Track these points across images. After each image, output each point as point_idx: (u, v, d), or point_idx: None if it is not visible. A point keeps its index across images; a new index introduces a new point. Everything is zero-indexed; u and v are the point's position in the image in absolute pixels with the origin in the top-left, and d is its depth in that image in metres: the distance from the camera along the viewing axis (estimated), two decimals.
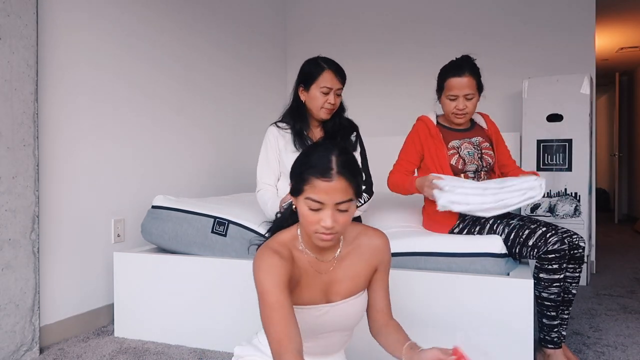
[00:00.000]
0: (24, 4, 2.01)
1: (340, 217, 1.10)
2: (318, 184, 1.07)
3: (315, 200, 1.08)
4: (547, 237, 1.77)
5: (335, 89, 1.98)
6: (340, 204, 1.09)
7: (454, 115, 2.06)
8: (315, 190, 1.08)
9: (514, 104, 3.64)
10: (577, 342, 2.19)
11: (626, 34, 5.46)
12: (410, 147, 2.13)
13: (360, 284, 1.25)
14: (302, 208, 1.11)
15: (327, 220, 1.08)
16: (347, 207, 1.10)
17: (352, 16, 4.14)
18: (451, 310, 1.78)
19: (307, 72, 2.01)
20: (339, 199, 1.08)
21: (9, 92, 1.96)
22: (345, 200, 1.09)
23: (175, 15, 2.98)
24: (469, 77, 2.00)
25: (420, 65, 3.87)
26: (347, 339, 1.31)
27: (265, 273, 1.08)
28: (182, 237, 2.27)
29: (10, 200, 1.97)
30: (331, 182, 1.07)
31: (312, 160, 1.10)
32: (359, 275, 1.24)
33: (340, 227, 1.11)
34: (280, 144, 2.06)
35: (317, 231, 1.10)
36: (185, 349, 2.14)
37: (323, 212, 1.09)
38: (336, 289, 1.22)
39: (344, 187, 1.08)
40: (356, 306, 1.25)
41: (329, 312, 1.22)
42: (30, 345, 2.05)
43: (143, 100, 2.72)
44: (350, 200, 1.10)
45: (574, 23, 3.52)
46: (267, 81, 4.04)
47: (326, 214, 1.08)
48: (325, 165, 1.08)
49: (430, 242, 1.94)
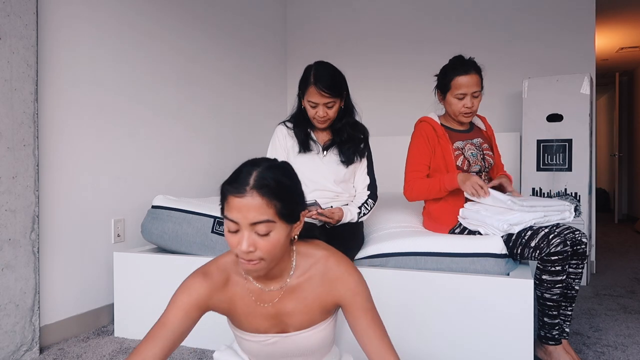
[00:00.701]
0: (24, 4, 2.01)
1: (260, 241, 0.98)
2: (231, 200, 0.98)
3: (230, 219, 0.99)
4: (549, 238, 1.76)
5: (323, 103, 1.92)
6: (257, 224, 0.97)
7: (462, 115, 2.04)
8: (229, 208, 0.99)
9: (514, 104, 3.64)
10: (577, 342, 2.19)
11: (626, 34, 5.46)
12: (422, 149, 2.06)
13: (315, 316, 1.12)
14: (225, 230, 1.02)
15: (243, 244, 0.97)
16: (267, 229, 0.98)
17: (352, 17, 4.14)
18: (451, 310, 1.78)
19: (300, 82, 1.99)
20: (253, 218, 0.96)
21: (9, 92, 1.96)
22: (261, 221, 0.97)
23: (175, 19, 2.97)
24: (475, 74, 2.00)
25: (421, 65, 3.87)
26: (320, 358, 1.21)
27: (178, 291, 1.07)
28: (182, 237, 2.27)
29: (10, 200, 1.97)
30: (244, 199, 0.97)
31: (232, 175, 1.03)
32: (312, 310, 1.11)
33: (263, 254, 0.99)
34: (288, 144, 2.06)
35: (239, 256, 1.00)
36: (185, 349, 2.14)
37: (240, 234, 0.99)
38: (286, 321, 1.12)
39: (259, 205, 0.96)
40: (314, 338, 1.14)
41: (278, 343, 1.13)
42: (30, 345, 2.05)
43: (143, 100, 2.72)
44: (269, 222, 0.97)
45: (574, 23, 3.52)
46: (268, 81, 4.04)
47: (242, 236, 0.98)
48: (241, 180, 0.98)
49: (430, 242, 1.94)
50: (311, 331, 1.13)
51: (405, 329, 1.83)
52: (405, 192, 2.09)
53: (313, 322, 1.13)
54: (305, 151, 2.01)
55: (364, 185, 2.08)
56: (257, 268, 1.01)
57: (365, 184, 2.08)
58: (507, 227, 1.83)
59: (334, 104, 1.94)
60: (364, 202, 2.03)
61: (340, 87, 1.95)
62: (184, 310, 1.05)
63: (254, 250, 0.99)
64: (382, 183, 2.24)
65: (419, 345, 1.80)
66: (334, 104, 1.94)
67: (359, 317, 1.08)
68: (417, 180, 2.04)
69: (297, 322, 1.12)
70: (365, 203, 2.03)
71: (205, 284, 1.08)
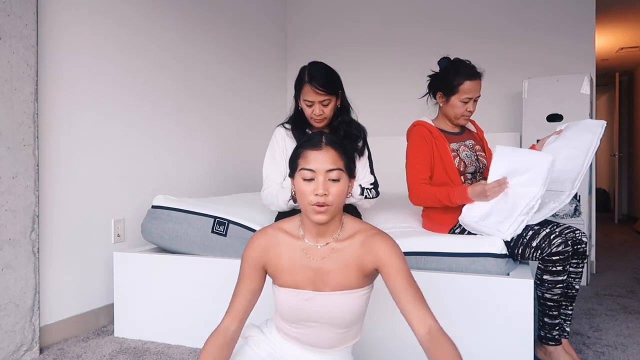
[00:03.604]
0: (24, 4, 2.01)
1: (332, 187, 1.18)
2: (309, 154, 1.20)
3: (308, 168, 1.19)
4: (550, 238, 1.77)
5: (319, 101, 1.94)
6: (331, 171, 1.18)
7: (463, 118, 2.06)
8: (307, 160, 1.20)
9: (514, 104, 3.64)
10: (577, 342, 2.19)
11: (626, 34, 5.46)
12: (422, 151, 2.05)
13: (351, 280, 1.23)
14: (298, 183, 1.21)
15: (320, 187, 1.16)
16: (339, 176, 1.19)
17: (352, 17, 4.14)
18: (451, 310, 1.78)
19: (295, 83, 2.01)
20: (329, 166, 1.18)
21: (9, 92, 1.96)
22: (335, 168, 1.18)
23: (176, 19, 2.97)
24: (480, 80, 2.03)
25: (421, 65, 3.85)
26: (341, 337, 1.28)
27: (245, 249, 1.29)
28: (182, 237, 2.27)
29: (10, 200, 1.97)
30: (321, 151, 1.19)
31: (305, 139, 1.26)
32: (349, 269, 1.23)
33: (333, 198, 1.18)
34: (287, 145, 2.07)
35: (311, 202, 1.18)
36: (185, 349, 2.14)
37: (315, 182, 1.18)
38: (324, 279, 1.24)
39: (334, 157, 1.19)
40: (346, 303, 1.23)
41: (312, 300, 1.24)
42: (30, 345, 2.05)
43: (143, 100, 2.72)
44: (341, 170, 1.19)
45: (574, 23, 3.52)
46: (268, 81, 4.04)
47: (318, 182, 1.17)
48: (316, 139, 1.22)
49: (430, 242, 1.94)
50: (344, 295, 1.23)
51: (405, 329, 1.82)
52: (411, 198, 2.07)
53: (348, 284, 1.24)
54: None
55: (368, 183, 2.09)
56: (326, 214, 1.18)
57: (369, 182, 2.09)
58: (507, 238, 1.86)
59: (329, 101, 1.96)
60: (367, 188, 2.04)
61: (334, 84, 1.97)
62: (249, 266, 1.27)
63: (327, 194, 1.17)
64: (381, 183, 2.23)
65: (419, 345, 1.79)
66: (330, 101, 1.96)
67: (395, 279, 1.19)
68: (423, 186, 2.02)
69: (332, 281, 1.24)
70: (368, 189, 2.04)
71: (263, 239, 1.28)
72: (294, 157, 1.24)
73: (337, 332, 1.27)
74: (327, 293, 1.23)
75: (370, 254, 1.22)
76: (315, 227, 1.24)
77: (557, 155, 1.95)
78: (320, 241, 1.26)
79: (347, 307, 1.24)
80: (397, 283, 1.18)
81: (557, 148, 1.98)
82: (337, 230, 1.26)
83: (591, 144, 1.91)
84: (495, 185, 1.85)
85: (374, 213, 2.32)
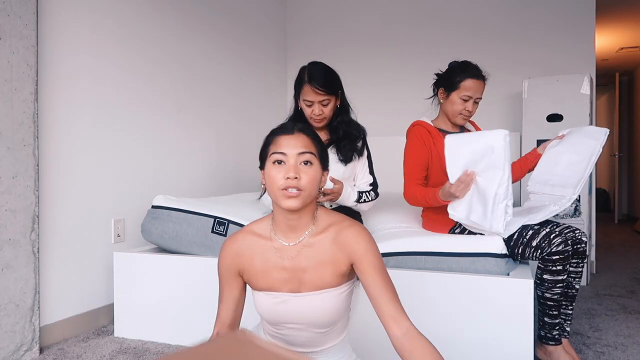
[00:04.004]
0: (24, 4, 2.01)
1: (303, 171, 1.13)
2: (281, 139, 1.16)
3: (278, 151, 1.14)
4: (550, 238, 1.77)
5: (319, 101, 1.94)
6: (303, 154, 1.14)
7: (461, 116, 2.06)
8: (277, 144, 1.16)
9: (514, 104, 3.64)
10: (577, 342, 2.19)
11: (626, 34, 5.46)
12: (418, 152, 2.06)
13: (327, 278, 1.17)
14: (268, 170, 1.16)
15: (290, 171, 1.12)
16: (311, 160, 1.15)
17: (352, 18, 4.14)
18: (451, 310, 1.78)
19: (295, 83, 2.01)
20: (301, 149, 1.14)
21: (9, 92, 1.96)
22: (307, 151, 1.14)
23: (176, 19, 2.97)
24: (483, 82, 2.04)
25: (421, 65, 3.87)
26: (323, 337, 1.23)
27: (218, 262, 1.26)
28: (182, 237, 2.27)
29: (10, 200, 1.97)
30: (293, 135, 1.16)
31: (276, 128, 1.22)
32: (324, 267, 1.17)
33: (305, 183, 1.13)
34: None
35: (280, 187, 1.12)
36: None
37: (286, 165, 1.14)
38: (300, 278, 1.18)
39: (306, 141, 1.16)
40: (323, 304, 1.17)
41: (287, 302, 1.18)
42: (30, 345, 2.05)
43: (143, 100, 2.72)
44: (313, 155, 1.15)
45: (574, 23, 3.52)
46: (268, 81, 4.04)
47: (289, 164, 1.13)
48: (289, 126, 1.20)
49: (430, 242, 1.94)
50: (322, 294, 1.17)
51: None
52: (405, 197, 2.09)
53: (325, 284, 1.18)
54: None
55: (367, 184, 2.10)
56: (298, 199, 1.12)
57: (368, 183, 2.09)
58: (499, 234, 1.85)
59: (329, 101, 1.96)
60: (365, 191, 2.04)
61: (334, 84, 1.97)
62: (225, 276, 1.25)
63: (299, 178, 1.12)
64: (381, 183, 2.24)
65: None
66: (329, 101, 1.96)
67: (370, 275, 1.13)
68: (416, 187, 2.03)
69: (310, 282, 1.18)
70: (367, 192, 2.04)
71: (233, 245, 1.24)
72: (265, 145, 1.20)
73: (319, 332, 1.21)
74: (303, 294, 1.18)
75: (344, 250, 1.16)
76: (286, 221, 1.18)
77: (559, 160, 1.95)
78: (292, 238, 1.20)
79: (325, 307, 1.18)
80: (372, 280, 1.13)
81: (560, 153, 1.98)
82: (309, 224, 1.19)
83: (594, 151, 1.91)
84: (459, 184, 1.81)
85: (374, 213, 2.32)
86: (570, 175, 1.92)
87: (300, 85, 1.97)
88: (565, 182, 1.93)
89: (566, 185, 1.93)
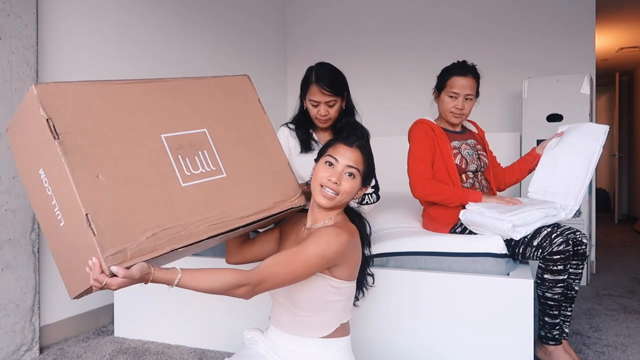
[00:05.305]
0: (24, 4, 2.01)
1: (345, 181, 1.32)
2: (340, 147, 1.35)
3: (333, 156, 1.34)
4: (552, 237, 1.77)
5: (325, 102, 1.93)
6: (351, 167, 1.33)
7: (451, 114, 2.07)
8: (335, 150, 1.35)
9: (514, 104, 3.64)
10: (577, 342, 2.19)
11: (626, 34, 5.46)
12: (425, 149, 2.05)
13: None
14: (319, 166, 1.36)
15: (334, 175, 1.31)
16: (355, 173, 1.33)
17: (352, 18, 4.14)
18: (451, 310, 1.78)
19: (301, 82, 2.01)
20: (351, 162, 1.33)
21: (9, 92, 1.96)
22: (355, 167, 1.33)
23: (175, 19, 2.97)
24: (472, 78, 2.05)
25: (421, 66, 3.87)
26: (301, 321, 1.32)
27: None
28: None
29: (10, 200, 1.97)
30: (351, 148, 1.35)
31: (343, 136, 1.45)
32: None
33: (342, 190, 1.32)
34: (290, 145, 2.07)
35: (322, 184, 1.32)
36: (185, 349, 2.14)
37: (334, 170, 1.32)
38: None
39: (359, 158, 1.35)
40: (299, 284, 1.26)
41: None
42: (30, 345, 2.05)
43: None
44: (358, 170, 1.34)
45: (574, 23, 3.52)
46: (268, 82, 4.05)
47: (336, 171, 1.32)
48: (352, 138, 1.39)
49: (430, 242, 1.94)
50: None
51: (405, 329, 1.82)
52: (414, 189, 2.05)
53: None
54: (306, 151, 2.02)
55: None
56: (330, 201, 1.32)
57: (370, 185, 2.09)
58: (510, 229, 1.81)
59: (335, 102, 1.96)
60: (368, 193, 2.03)
61: (341, 86, 1.97)
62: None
63: (339, 184, 1.31)
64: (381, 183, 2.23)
65: (418, 345, 1.80)
66: (335, 102, 1.96)
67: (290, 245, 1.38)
68: (430, 181, 2.01)
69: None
70: (369, 194, 2.03)
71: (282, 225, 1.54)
72: (327, 145, 1.40)
73: (297, 313, 1.32)
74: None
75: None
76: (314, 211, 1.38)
77: (558, 163, 1.95)
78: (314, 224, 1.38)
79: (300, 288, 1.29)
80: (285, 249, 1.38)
81: (558, 155, 1.97)
82: (325, 219, 1.37)
83: (594, 153, 1.91)
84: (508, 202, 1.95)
85: (375, 213, 2.31)
86: (571, 180, 1.92)
87: (307, 85, 1.97)
88: (567, 190, 1.93)
89: (568, 194, 1.93)
